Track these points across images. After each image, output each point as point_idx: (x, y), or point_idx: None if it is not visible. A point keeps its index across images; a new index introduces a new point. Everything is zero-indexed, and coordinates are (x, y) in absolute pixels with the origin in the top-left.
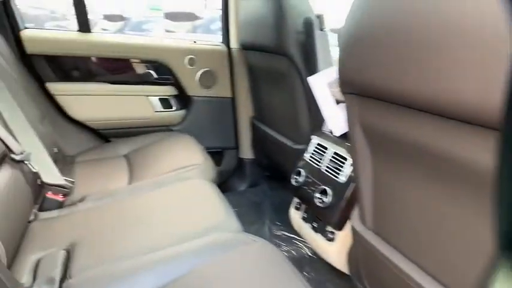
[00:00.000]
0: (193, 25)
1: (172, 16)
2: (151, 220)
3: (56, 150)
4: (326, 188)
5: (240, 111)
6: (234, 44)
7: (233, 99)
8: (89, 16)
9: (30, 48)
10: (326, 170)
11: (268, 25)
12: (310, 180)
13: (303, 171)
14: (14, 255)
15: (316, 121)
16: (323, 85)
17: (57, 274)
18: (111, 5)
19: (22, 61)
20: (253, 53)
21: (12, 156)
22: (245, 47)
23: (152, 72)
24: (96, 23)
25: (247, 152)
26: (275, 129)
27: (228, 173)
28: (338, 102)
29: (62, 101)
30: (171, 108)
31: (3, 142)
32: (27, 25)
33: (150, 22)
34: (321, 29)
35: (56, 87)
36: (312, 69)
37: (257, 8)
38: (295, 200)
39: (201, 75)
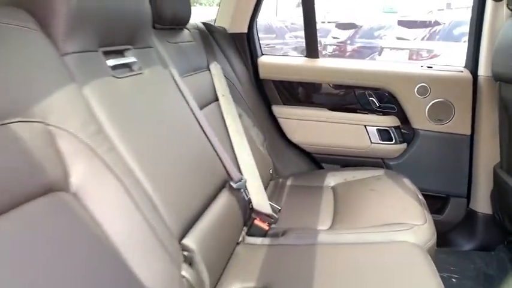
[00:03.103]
0: (430, 31)
1: (406, 23)
2: (345, 278)
3: (271, 171)
4: None
5: (479, 154)
6: (483, 71)
7: (472, 138)
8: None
9: (263, 74)
10: None
11: None
12: None
13: None
14: (215, 281)
15: None
16: None
17: None
18: (345, 10)
19: (255, 85)
20: (510, 86)
21: (231, 183)
22: (499, 78)
23: (374, 100)
24: (330, 31)
25: (482, 204)
26: None
27: (450, 225)
28: None
29: (284, 123)
30: (391, 140)
31: (226, 170)
32: (264, 53)
33: (381, 29)
34: None
35: (280, 110)
36: None
37: None
38: None
39: (432, 106)
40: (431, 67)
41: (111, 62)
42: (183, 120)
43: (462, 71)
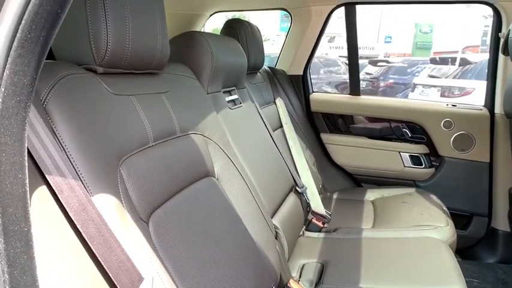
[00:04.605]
0: (462, 70)
1: (438, 61)
2: (387, 262)
3: (320, 186)
4: None
5: (497, 178)
6: (498, 109)
7: (490, 165)
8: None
9: (314, 107)
10: None
11: None
12: None
13: None
14: (290, 255)
15: None
16: None
17: (314, 278)
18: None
19: (307, 116)
20: None
21: (297, 188)
22: (509, 116)
23: (407, 131)
24: (365, 66)
25: (501, 222)
26: None
27: (473, 240)
28: None
29: (330, 148)
30: (421, 165)
31: (293, 178)
32: (315, 90)
33: (414, 66)
34: None
35: (327, 137)
36: None
37: None
38: None
39: (456, 137)
40: (455, 105)
41: (227, 99)
42: (266, 139)
43: (481, 109)
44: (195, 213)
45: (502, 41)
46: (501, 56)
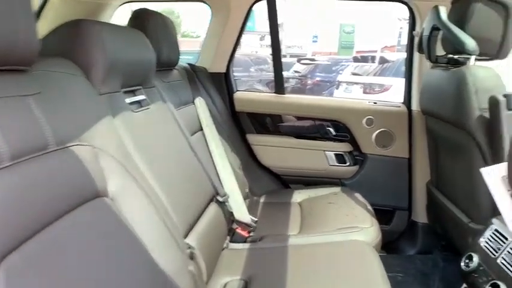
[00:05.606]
0: (381, 68)
1: (360, 59)
2: (313, 271)
3: (247, 190)
4: (499, 283)
5: (415, 173)
6: (415, 106)
7: (409, 160)
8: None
9: (238, 107)
10: (502, 263)
11: (450, 96)
12: (482, 268)
13: (475, 257)
14: (210, 274)
15: None
16: (497, 180)
17: None
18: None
19: (232, 117)
20: (433, 119)
21: (218, 198)
22: (425, 112)
23: (331, 129)
24: (293, 64)
25: (420, 215)
26: (452, 201)
27: (396, 233)
28: None
29: (256, 149)
30: (345, 163)
31: (214, 186)
32: (239, 88)
33: (337, 65)
34: (509, 109)
35: (253, 138)
36: (497, 151)
37: (442, 77)
38: (464, 285)
39: (377, 134)
40: (376, 103)
41: (128, 100)
42: (180, 146)
43: (400, 106)
44: (76, 249)
45: (416, 39)
46: (416, 54)
